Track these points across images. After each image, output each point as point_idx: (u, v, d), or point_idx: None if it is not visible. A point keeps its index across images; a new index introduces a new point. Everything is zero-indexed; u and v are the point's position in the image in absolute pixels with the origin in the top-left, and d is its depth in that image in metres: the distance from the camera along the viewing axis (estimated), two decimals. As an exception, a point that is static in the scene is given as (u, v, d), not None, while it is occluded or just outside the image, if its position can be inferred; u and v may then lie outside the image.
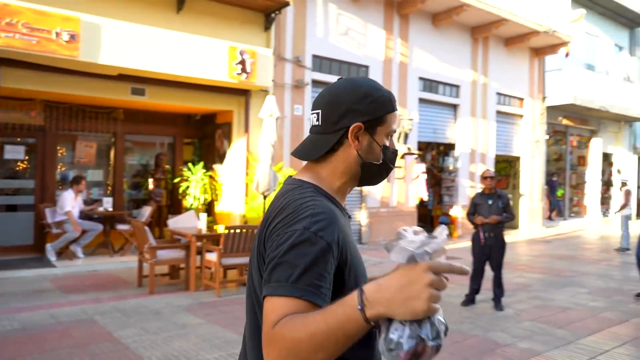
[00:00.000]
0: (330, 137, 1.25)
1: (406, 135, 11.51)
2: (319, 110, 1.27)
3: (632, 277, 8.34)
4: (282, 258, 1.06)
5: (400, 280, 0.98)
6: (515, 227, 15.94)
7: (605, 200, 20.99)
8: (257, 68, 8.56)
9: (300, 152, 1.30)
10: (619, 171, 20.62)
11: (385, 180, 11.45)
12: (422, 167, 12.18)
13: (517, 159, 16.08)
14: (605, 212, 20.64)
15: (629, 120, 19.98)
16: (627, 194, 11.40)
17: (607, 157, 20.94)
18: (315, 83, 10.28)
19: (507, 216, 6.00)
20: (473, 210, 6.15)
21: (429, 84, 12.76)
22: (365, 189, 11.22)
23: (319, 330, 0.97)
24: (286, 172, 9.07)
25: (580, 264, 9.48)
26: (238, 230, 6.50)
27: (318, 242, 1.06)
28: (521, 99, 15.71)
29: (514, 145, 15.79)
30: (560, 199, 19.07)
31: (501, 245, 6.05)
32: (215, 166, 9.90)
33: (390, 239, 1.09)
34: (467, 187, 13.74)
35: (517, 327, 5.31)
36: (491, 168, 14.62)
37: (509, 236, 13.82)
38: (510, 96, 15.25)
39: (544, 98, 16.20)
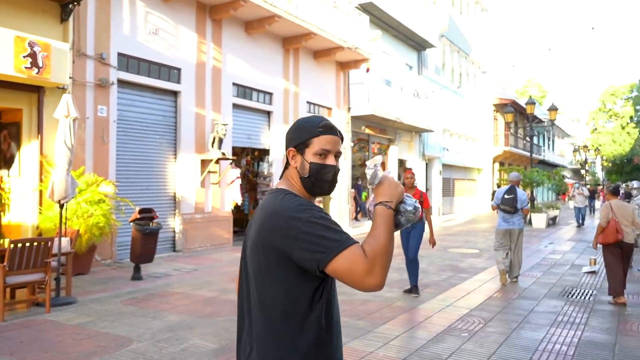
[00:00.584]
0: (285, 160, 1.81)
1: (220, 140, 11.44)
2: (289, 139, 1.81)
3: (421, 268, 9.48)
4: (321, 235, 1.54)
5: (387, 186, 1.69)
6: (325, 228, 16.94)
7: (401, 202, 23.57)
8: (51, 63, 7.69)
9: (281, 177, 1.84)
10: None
11: (199, 185, 11.33)
12: (237, 172, 12.24)
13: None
14: (401, 212, 23.16)
15: (418, 131, 22.76)
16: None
17: (402, 163, 23.56)
18: (123, 83, 9.64)
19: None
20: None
21: (243, 90, 12.91)
22: (178, 194, 10.86)
23: (384, 232, 1.59)
24: (89, 178, 8.31)
25: (379, 260, 10.47)
26: (28, 244, 5.75)
27: (324, 215, 1.61)
28: (329, 109, 16.82)
29: (323, 151, 16.81)
30: (364, 201, 20.88)
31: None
32: (0, 172, 8.63)
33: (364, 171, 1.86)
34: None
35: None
36: (303, 173, 15.37)
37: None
38: (319, 105, 16.21)
39: (349, 109, 17.58)
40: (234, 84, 12.46)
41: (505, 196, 8.06)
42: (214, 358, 4.42)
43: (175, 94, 10.94)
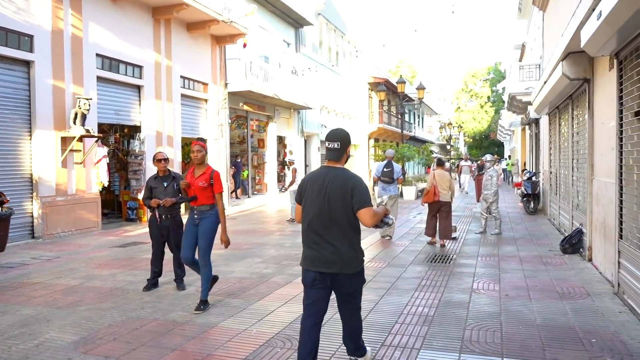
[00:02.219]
0: (343, 153, 3.45)
1: (84, 116, 10.54)
2: (339, 142, 3.43)
3: (298, 242, 9.64)
4: (365, 196, 3.30)
5: (379, 213, 3.40)
6: (204, 207, 16.52)
7: (281, 178, 23.75)
8: None
9: (334, 159, 3.47)
10: (290, 152, 23.60)
11: (60, 165, 10.38)
12: (104, 150, 11.41)
13: (204, 141, 16.64)
14: (281, 188, 23.37)
15: (297, 108, 22.95)
16: (294, 172, 13.10)
17: (281, 140, 23.67)
18: (-41, 50, 8.43)
19: (183, 197, 6.09)
20: (149, 193, 6.05)
21: (109, 62, 11.98)
22: (35, 176, 9.86)
23: (379, 213, 3.38)
24: None
25: (258, 237, 10.45)
26: None
27: (366, 188, 3.36)
28: (205, 84, 16.27)
29: (200, 128, 16.29)
30: (245, 179, 20.70)
31: (178, 226, 6.11)
32: None
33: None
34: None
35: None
36: (178, 150, 14.77)
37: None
38: (194, 80, 15.60)
39: (226, 84, 17.15)
40: (98, 55, 11.51)
41: (384, 169, 9.85)
42: (73, 351, 4.09)
43: (27, 64, 9.82)
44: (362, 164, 32.51)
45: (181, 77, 14.75)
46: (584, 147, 8.24)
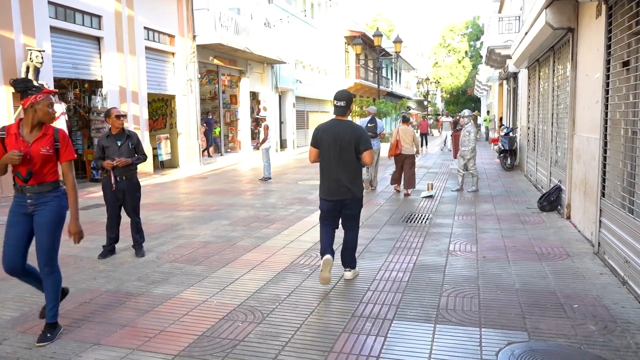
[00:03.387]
0: (347, 109, 4.68)
1: (37, 70, 9.79)
2: (344, 101, 4.65)
3: (270, 203, 9.26)
4: (368, 142, 4.59)
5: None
6: (175, 166, 15.99)
7: (255, 135, 23.14)
8: None
9: (341, 114, 4.66)
10: (264, 108, 22.93)
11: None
12: (62, 107, 10.68)
13: (172, 97, 15.93)
14: (255, 145, 22.80)
15: (270, 63, 22.12)
16: (266, 128, 12.58)
17: (255, 96, 22.92)
18: None
19: (139, 157, 5.60)
20: (101, 153, 5.52)
21: (63, 11, 11.10)
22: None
23: (371, 156, 4.73)
24: None
25: (228, 197, 10.04)
26: None
27: (368, 135, 4.78)
28: (172, 36, 15.39)
29: (168, 83, 15.52)
30: (217, 136, 20.06)
31: (135, 189, 5.65)
32: None
33: None
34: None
35: (156, 271, 5.10)
36: (144, 107, 14.06)
37: (168, 176, 13.81)
38: (160, 32, 14.73)
39: (194, 37, 16.27)
40: (50, 2, 10.62)
41: (368, 125, 10.28)
42: (10, 330, 3.69)
43: (-32, 11, 8.97)
44: (339, 120, 31.85)
45: (145, 28, 13.88)
46: (565, 102, 7.92)
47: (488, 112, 34.84)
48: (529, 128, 12.70)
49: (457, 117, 30.20)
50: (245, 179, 13.37)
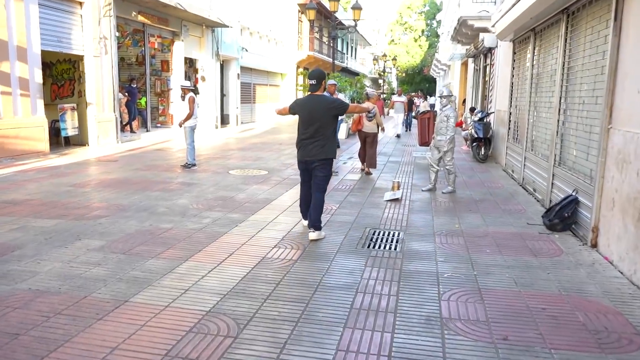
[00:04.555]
0: (319, 86, 5.35)
1: None
2: (315, 79, 5.31)
3: (179, 205, 6.73)
4: (344, 105, 5.47)
5: (361, 106, 7.31)
6: (84, 143, 13.08)
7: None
8: None
9: (313, 91, 5.35)
10: (202, 78, 20.03)
11: None
12: None
13: (81, 58, 12.91)
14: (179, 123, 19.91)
15: (211, 25, 19.18)
16: (191, 101, 9.91)
17: (192, 63, 19.97)
18: None
19: None
20: None
21: None
22: None
23: (361, 106, 7.16)
24: None
25: (127, 193, 7.41)
26: None
27: (340, 100, 5.94)
28: (78, -19, 12.32)
29: (73, 40, 12.48)
30: (143, 108, 17.10)
31: None
32: None
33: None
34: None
35: None
36: (36, 67, 11.06)
37: (67, 157, 10.95)
38: (60, -26, 11.65)
39: (110, -16, 13.21)
40: None
41: None
42: None
43: None
44: (290, 96, 29.30)
45: (36, -35, 10.78)
46: (589, 81, 5.75)
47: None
48: (511, 114, 10.62)
49: (411, 96, 27.84)
50: (166, 163, 10.71)
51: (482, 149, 11.89)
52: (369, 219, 6.28)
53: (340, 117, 8.23)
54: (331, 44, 21.39)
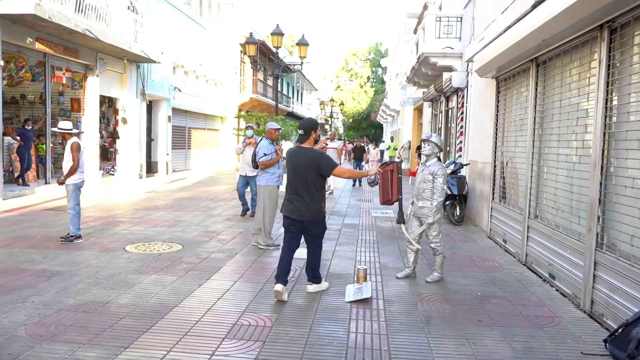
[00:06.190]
0: (307, 137, 4.99)
1: None
2: (303, 129, 4.98)
3: (4, 327, 3.92)
4: (330, 164, 4.91)
5: (353, 171, 5.95)
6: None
7: (110, 154, 17.30)
8: None
9: (301, 142, 5.00)
10: (124, 120, 17.22)
11: None
12: None
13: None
14: (111, 169, 16.95)
15: (134, 60, 16.56)
16: (75, 150, 7.21)
17: (112, 103, 17.18)
18: None
19: None
20: None
21: None
22: None
23: (352, 171, 5.87)
24: None
25: None
26: None
27: (327, 156, 5.12)
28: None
29: None
30: (43, 155, 14.06)
31: None
32: None
33: None
34: None
35: None
36: None
37: None
38: None
39: (-8, 1, 10.48)
40: None
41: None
42: None
43: None
44: (231, 141, 26.65)
45: None
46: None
47: (392, 139, 31.23)
48: (495, 167, 8.54)
49: (360, 143, 24.21)
50: (44, 233, 7.82)
51: (457, 208, 9.72)
52: (324, 354, 3.74)
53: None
54: (274, 85, 19.38)
